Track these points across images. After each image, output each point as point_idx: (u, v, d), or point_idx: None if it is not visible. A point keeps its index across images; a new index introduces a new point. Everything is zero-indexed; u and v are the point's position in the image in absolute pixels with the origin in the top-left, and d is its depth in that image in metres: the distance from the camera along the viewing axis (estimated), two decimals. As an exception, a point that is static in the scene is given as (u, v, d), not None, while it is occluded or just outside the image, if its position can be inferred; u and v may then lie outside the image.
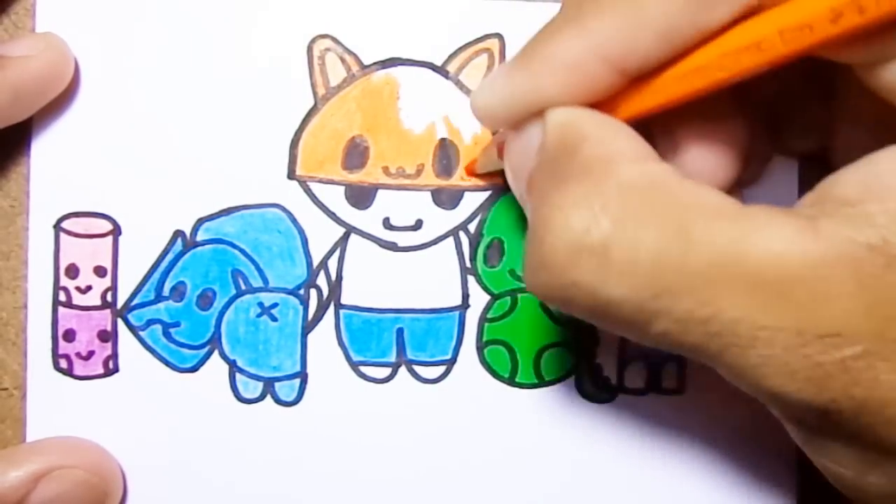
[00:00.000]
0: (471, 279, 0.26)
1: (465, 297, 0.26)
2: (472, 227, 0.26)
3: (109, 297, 0.26)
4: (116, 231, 0.26)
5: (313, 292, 0.26)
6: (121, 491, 0.26)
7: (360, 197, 0.26)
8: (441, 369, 0.26)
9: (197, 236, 0.26)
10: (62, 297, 0.26)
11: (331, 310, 0.26)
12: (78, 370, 0.26)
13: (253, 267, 0.26)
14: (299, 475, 0.26)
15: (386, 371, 0.26)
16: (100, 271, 0.26)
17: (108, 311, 0.26)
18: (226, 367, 0.26)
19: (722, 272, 0.16)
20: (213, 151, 0.26)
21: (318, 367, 0.26)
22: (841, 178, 0.17)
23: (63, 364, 0.26)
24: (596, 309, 0.18)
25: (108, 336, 0.26)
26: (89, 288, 0.26)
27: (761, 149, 0.23)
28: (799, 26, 0.17)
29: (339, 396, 0.26)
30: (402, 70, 0.26)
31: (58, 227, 0.26)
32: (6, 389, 0.26)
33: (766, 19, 0.17)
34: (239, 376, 0.26)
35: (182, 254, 0.26)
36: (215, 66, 0.26)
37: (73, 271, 0.26)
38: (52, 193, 0.26)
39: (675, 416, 0.26)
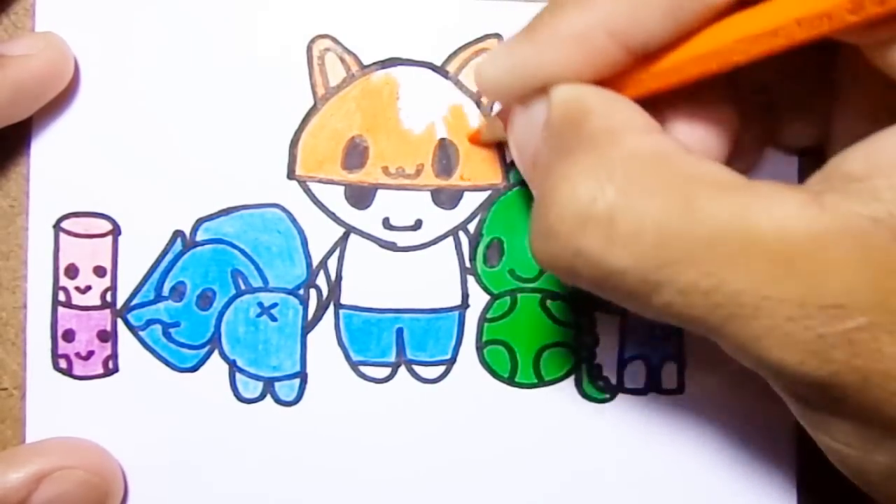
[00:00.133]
0: (470, 279, 0.26)
1: (465, 296, 0.26)
2: (472, 227, 0.26)
3: (109, 297, 0.26)
4: (116, 231, 0.26)
5: (313, 292, 0.26)
6: (121, 491, 0.26)
7: (360, 197, 0.26)
8: (441, 369, 0.26)
9: (196, 236, 0.26)
10: (62, 297, 0.26)
11: (330, 310, 0.26)
12: (78, 370, 0.26)
13: (252, 267, 0.26)
14: (299, 475, 0.26)
15: (385, 371, 0.26)
16: (99, 271, 0.26)
17: (107, 311, 0.26)
18: (226, 367, 0.26)
19: (726, 243, 0.16)
20: (213, 151, 0.26)
21: (318, 366, 0.26)
22: (848, 155, 0.17)
23: (63, 364, 0.26)
24: (600, 279, 0.18)
25: (108, 336, 0.26)
26: (89, 288, 0.26)
27: (754, 135, 0.23)
28: (818, 15, 0.17)
29: (338, 396, 0.26)
30: (401, 70, 0.26)
31: (57, 226, 0.26)
32: (6, 389, 0.26)
33: (782, 5, 0.17)
34: (239, 376, 0.26)
35: (182, 254, 0.26)
36: (215, 66, 0.26)
37: (72, 271, 0.26)
38: (52, 193, 0.26)
39: (675, 415, 0.26)
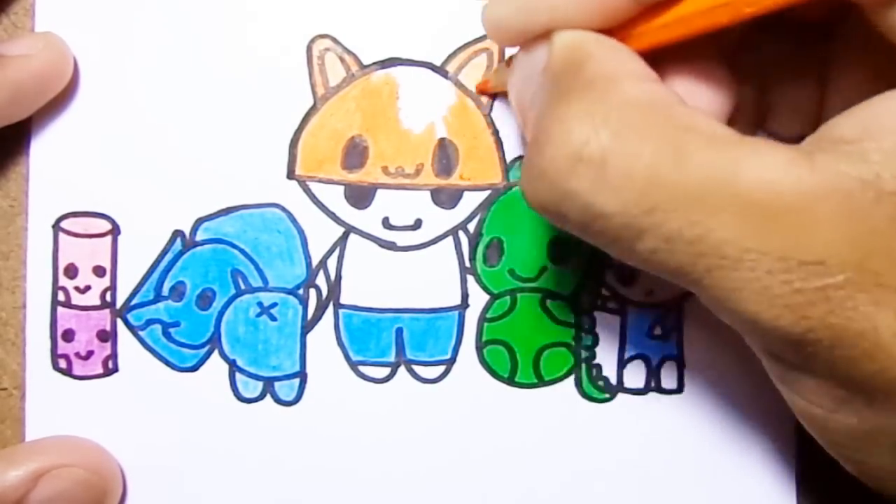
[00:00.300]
0: (470, 279, 0.26)
1: (465, 296, 0.26)
2: (472, 227, 0.26)
3: (109, 297, 0.26)
4: (115, 231, 0.26)
5: (312, 292, 0.26)
6: (120, 490, 0.26)
7: (360, 196, 0.26)
8: (440, 369, 0.26)
9: (196, 236, 0.26)
10: (61, 296, 0.26)
11: (330, 309, 0.26)
12: (77, 370, 0.26)
13: (252, 267, 0.26)
14: (299, 475, 0.26)
15: (385, 371, 0.26)
16: (99, 271, 0.26)
17: (107, 311, 0.26)
18: (225, 367, 0.26)
19: (714, 194, 0.17)
20: (213, 151, 0.26)
21: (318, 366, 0.26)
22: (840, 120, 0.18)
23: (62, 364, 0.26)
24: (587, 221, 0.18)
25: (108, 336, 0.26)
26: (88, 288, 0.26)
27: (749, 110, 0.23)
28: None
29: (338, 396, 0.26)
30: (401, 70, 0.26)
31: (57, 226, 0.26)
32: (5, 389, 0.26)
33: None
34: (239, 376, 0.26)
35: (181, 253, 0.26)
36: (214, 66, 0.26)
37: (72, 271, 0.26)
38: (51, 193, 0.26)
39: (675, 415, 0.26)
